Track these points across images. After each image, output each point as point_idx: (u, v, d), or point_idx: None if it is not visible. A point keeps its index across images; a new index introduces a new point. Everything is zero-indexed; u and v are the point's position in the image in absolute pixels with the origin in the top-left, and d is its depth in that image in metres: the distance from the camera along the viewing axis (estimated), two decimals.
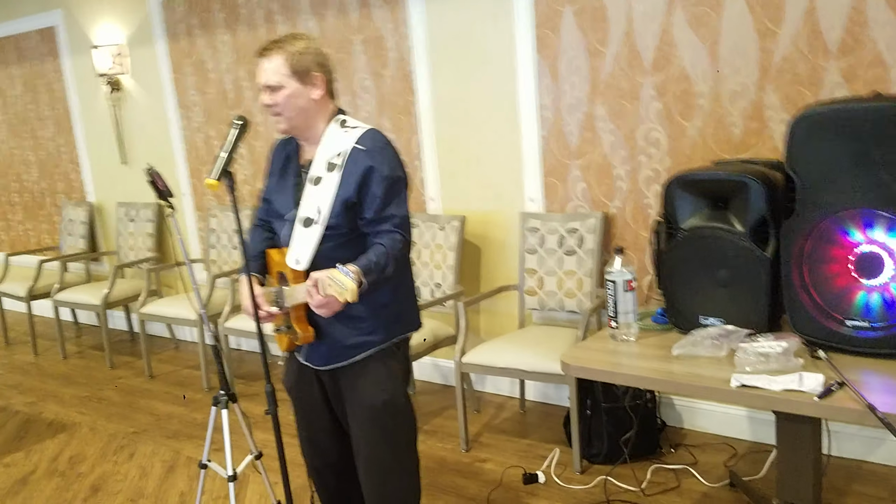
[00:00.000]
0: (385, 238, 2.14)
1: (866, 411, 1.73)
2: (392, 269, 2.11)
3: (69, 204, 6.12)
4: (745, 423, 3.37)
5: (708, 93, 3.19)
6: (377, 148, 2.16)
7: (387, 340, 2.26)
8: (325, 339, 2.26)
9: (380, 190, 2.13)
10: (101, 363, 5.30)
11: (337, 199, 2.14)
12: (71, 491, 3.48)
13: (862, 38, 2.81)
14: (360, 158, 2.14)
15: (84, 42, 5.61)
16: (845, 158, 2.00)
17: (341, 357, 2.26)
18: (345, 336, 2.23)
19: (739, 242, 2.24)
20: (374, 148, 2.16)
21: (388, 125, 4.22)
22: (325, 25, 4.33)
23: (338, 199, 2.14)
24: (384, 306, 2.23)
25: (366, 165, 2.13)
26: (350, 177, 2.14)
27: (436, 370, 4.42)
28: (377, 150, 2.16)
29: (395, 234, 2.15)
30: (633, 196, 3.49)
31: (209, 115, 5.09)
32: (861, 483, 2.95)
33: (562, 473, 3.25)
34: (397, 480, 2.33)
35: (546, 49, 3.59)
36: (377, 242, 2.13)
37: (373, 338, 2.24)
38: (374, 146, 2.16)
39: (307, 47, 2.16)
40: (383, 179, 2.13)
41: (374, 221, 2.15)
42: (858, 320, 2.05)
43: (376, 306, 2.20)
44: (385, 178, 2.13)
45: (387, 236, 2.14)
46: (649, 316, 2.53)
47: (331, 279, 1.95)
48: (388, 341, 2.27)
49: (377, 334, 2.25)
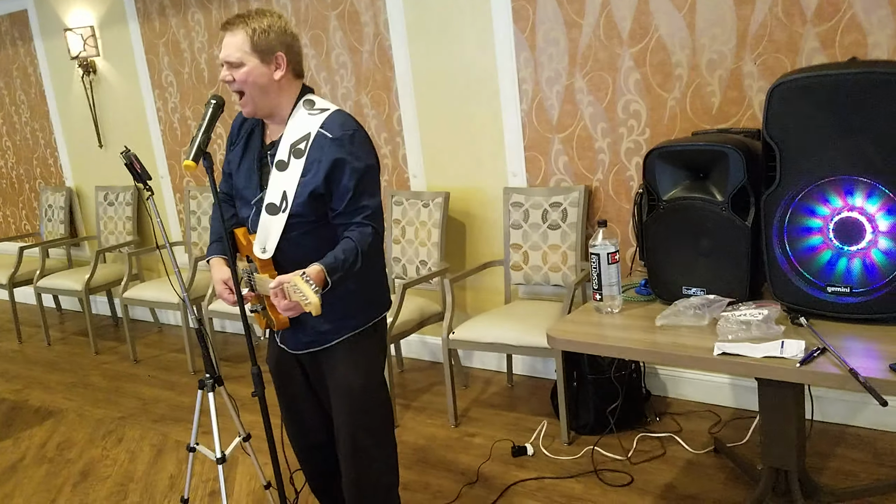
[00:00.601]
0: (355, 232, 2.08)
1: (848, 376, 1.75)
2: (360, 263, 2.06)
3: (48, 189, 6.05)
4: (728, 391, 3.41)
5: (686, 62, 3.18)
6: (346, 136, 2.08)
7: (363, 324, 2.24)
8: (301, 325, 2.23)
9: (351, 182, 2.06)
10: (86, 349, 5.28)
11: (303, 187, 2.08)
12: (60, 477, 3.47)
13: (839, 4, 2.81)
14: (327, 147, 2.07)
15: (56, 25, 5.51)
16: (824, 126, 2.00)
17: (315, 342, 2.24)
18: (317, 322, 2.19)
19: (720, 212, 2.25)
20: (343, 136, 2.08)
21: (368, 102, 4.19)
22: (300, 2, 4.27)
23: (304, 188, 2.08)
24: (354, 291, 2.18)
25: (335, 157, 2.06)
26: (316, 165, 2.07)
27: (423, 347, 4.43)
28: (346, 139, 2.08)
29: (366, 226, 2.09)
30: (615, 169, 3.49)
31: (185, 96, 5.02)
32: (844, 447, 2.99)
33: (550, 445, 3.28)
34: (375, 462, 2.32)
35: (522, 21, 3.56)
36: (347, 236, 2.08)
37: (348, 321, 2.22)
38: (343, 134, 2.08)
39: (271, 25, 2.08)
40: (355, 172, 2.06)
41: (345, 213, 2.09)
42: (839, 286, 2.07)
43: (346, 292, 2.15)
44: (357, 171, 2.06)
45: (357, 229, 2.08)
46: (633, 288, 2.55)
47: (295, 287, 1.91)
48: (364, 324, 2.24)
49: (350, 318, 2.22)
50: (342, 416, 2.27)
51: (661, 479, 2.92)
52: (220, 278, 2.25)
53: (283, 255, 2.15)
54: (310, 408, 2.42)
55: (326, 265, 2.00)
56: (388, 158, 4.21)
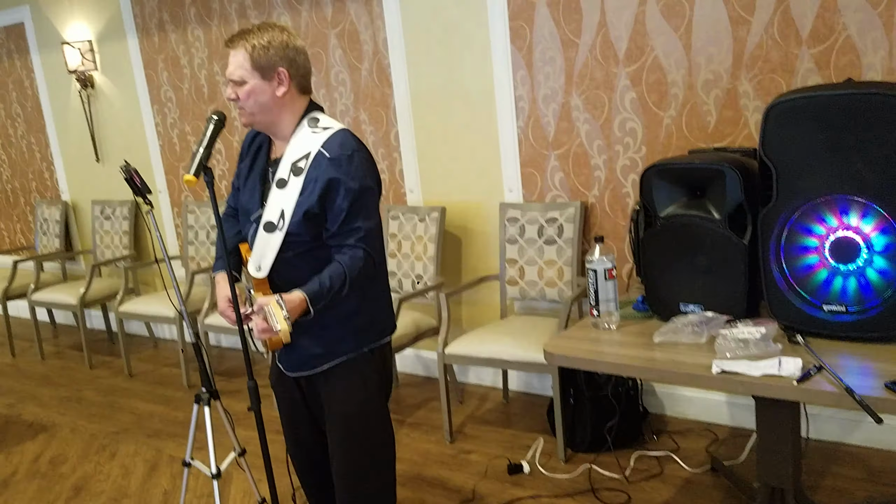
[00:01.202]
0: (346, 255, 2.04)
1: (844, 394, 1.76)
2: (347, 289, 2.03)
3: (43, 203, 6.04)
4: (725, 409, 3.41)
5: (682, 82, 3.21)
6: (344, 156, 2.03)
7: (356, 349, 2.18)
8: (294, 347, 2.18)
9: (346, 203, 2.02)
10: (80, 363, 5.25)
11: (298, 206, 2.05)
12: (53, 492, 3.45)
13: (834, 25, 2.84)
14: (325, 166, 2.03)
15: (54, 38, 5.52)
16: (819, 145, 2.02)
17: (308, 365, 2.21)
18: (311, 345, 2.17)
19: (717, 230, 2.26)
20: (340, 156, 2.03)
21: (366, 118, 4.21)
22: (299, 19, 4.30)
23: (299, 208, 2.05)
24: (351, 316, 2.14)
25: (330, 176, 2.02)
26: (312, 184, 2.04)
27: (418, 362, 4.43)
28: (344, 159, 2.03)
29: (358, 249, 2.05)
30: (611, 185, 3.51)
31: (184, 111, 5.04)
32: (839, 464, 3.00)
33: (546, 463, 3.27)
34: (370, 488, 2.29)
35: (520, 40, 3.59)
36: (337, 260, 2.05)
37: (340, 347, 2.17)
38: (342, 154, 2.04)
39: (271, 40, 2.03)
40: (349, 192, 2.02)
41: (338, 235, 2.06)
42: (835, 305, 2.08)
43: (342, 316, 2.12)
44: (351, 191, 2.02)
45: (349, 252, 2.04)
46: (630, 304, 2.56)
47: (270, 311, 1.89)
48: (357, 350, 2.19)
49: (345, 343, 2.17)
50: (336, 440, 2.25)
51: (659, 498, 2.92)
52: (225, 295, 2.22)
53: (279, 276, 2.13)
54: (307, 426, 2.40)
55: (310, 293, 1.98)
56: (386, 174, 4.23)
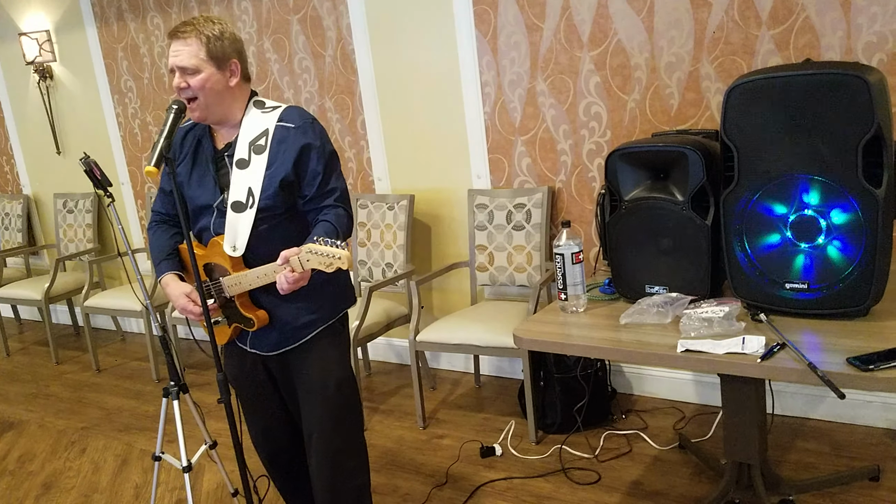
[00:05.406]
0: (330, 213, 2.14)
1: (807, 370, 1.79)
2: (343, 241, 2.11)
3: (4, 197, 5.92)
4: (691, 387, 3.47)
5: (645, 65, 3.23)
6: (307, 124, 2.15)
7: (333, 316, 2.28)
8: (273, 324, 2.24)
9: (320, 166, 2.13)
10: (46, 359, 5.18)
11: (270, 179, 2.12)
12: (22, 490, 3.40)
13: (793, 7, 2.87)
14: (293, 135, 2.13)
15: (10, 29, 5.40)
16: (779, 126, 2.05)
17: (292, 339, 2.25)
18: (294, 317, 2.22)
19: (680, 212, 2.28)
20: (304, 124, 2.14)
21: (331, 106, 4.18)
22: (260, 5, 4.25)
23: (272, 179, 2.12)
24: (326, 282, 2.21)
25: (302, 143, 2.12)
26: (282, 155, 2.12)
27: (391, 350, 4.43)
28: (308, 126, 2.14)
29: (339, 208, 2.16)
30: (578, 170, 3.52)
31: (145, 101, 4.96)
32: (804, 439, 3.06)
33: (518, 445, 3.30)
34: (348, 460, 2.33)
35: (484, 25, 3.59)
36: (322, 220, 2.12)
37: (320, 315, 2.25)
38: (304, 122, 2.15)
39: (223, 32, 2.11)
40: (322, 155, 2.14)
41: (316, 198, 2.15)
42: (797, 283, 2.11)
43: (318, 283, 2.17)
44: (324, 154, 2.14)
45: (331, 211, 2.14)
46: (597, 287, 2.58)
47: (312, 253, 1.95)
48: (334, 317, 2.28)
49: (324, 311, 2.26)
50: (314, 416, 2.27)
51: (628, 476, 2.96)
52: (182, 292, 2.23)
53: (252, 252, 2.16)
54: (276, 411, 2.42)
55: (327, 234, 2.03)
56: (353, 162, 4.21)
